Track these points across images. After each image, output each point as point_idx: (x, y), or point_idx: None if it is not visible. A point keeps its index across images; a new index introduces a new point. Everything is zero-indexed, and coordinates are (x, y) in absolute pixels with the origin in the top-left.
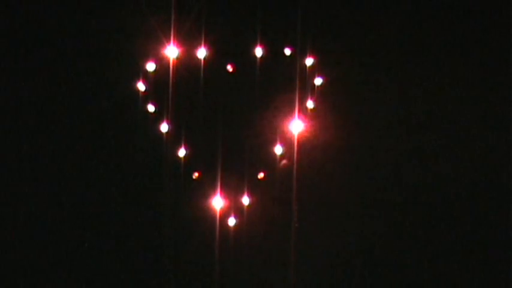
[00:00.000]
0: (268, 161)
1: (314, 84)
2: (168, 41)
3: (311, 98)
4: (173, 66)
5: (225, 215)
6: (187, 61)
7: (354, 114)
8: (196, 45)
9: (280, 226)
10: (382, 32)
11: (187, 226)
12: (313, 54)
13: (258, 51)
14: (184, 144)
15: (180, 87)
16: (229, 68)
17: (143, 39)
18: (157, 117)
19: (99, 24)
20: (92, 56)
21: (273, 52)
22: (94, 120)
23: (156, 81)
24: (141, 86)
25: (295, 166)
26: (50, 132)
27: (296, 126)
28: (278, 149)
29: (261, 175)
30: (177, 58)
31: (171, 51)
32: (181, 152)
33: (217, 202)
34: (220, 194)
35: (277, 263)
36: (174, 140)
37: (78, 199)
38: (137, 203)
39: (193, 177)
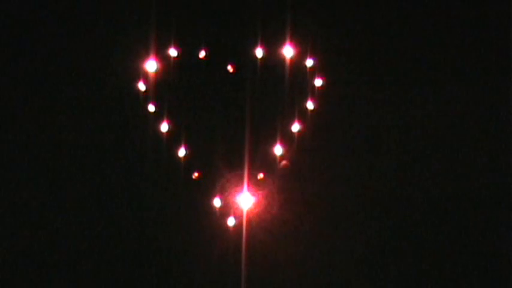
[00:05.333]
0: (268, 161)
1: (314, 85)
2: (169, 40)
3: (311, 99)
4: (173, 66)
5: (224, 215)
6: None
7: (354, 115)
8: (196, 45)
9: (279, 226)
10: (383, 32)
11: (187, 226)
12: (313, 55)
13: (258, 51)
14: (184, 144)
15: (180, 87)
16: (230, 68)
17: (143, 39)
18: (157, 117)
19: (99, 23)
20: (92, 55)
21: (273, 52)
22: (94, 120)
23: (156, 81)
24: (141, 86)
25: (294, 167)
26: (49, 133)
27: (296, 127)
28: (278, 150)
29: (260, 175)
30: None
31: (172, 51)
32: (181, 152)
33: (217, 202)
34: (221, 194)
35: (276, 264)
36: (174, 140)
37: (77, 199)
38: (136, 202)
39: (193, 177)
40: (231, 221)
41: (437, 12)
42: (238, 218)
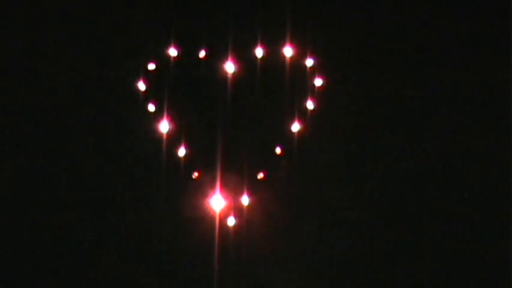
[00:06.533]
0: (268, 161)
1: (314, 85)
2: (169, 40)
3: (311, 99)
4: (173, 66)
5: (224, 215)
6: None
7: (353, 115)
8: (196, 45)
9: (279, 226)
10: (382, 32)
11: (187, 226)
12: (313, 55)
13: (258, 51)
14: (184, 144)
15: (180, 87)
16: (230, 68)
17: (143, 39)
18: (157, 117)
19: (99, 24)
20: (92, 55)
21: (273, 52)
22: (94, 120)
23: (156, 81)
24: (141, 86)
25: (294, 167)
26: (49, 132)
27: (296, 127)
28: (278, 149)
29: (260, 175)
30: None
31: (172, 51)
32: (181, 152)
33: (217, 202)
34: (220, 194)
35: (276, 264)
36: (174, 140)
37: (77, 199)
38: (137, 202)
39: (193, 177)
40: (231, 221)
41: (437, 12)
42: (238, 218)
